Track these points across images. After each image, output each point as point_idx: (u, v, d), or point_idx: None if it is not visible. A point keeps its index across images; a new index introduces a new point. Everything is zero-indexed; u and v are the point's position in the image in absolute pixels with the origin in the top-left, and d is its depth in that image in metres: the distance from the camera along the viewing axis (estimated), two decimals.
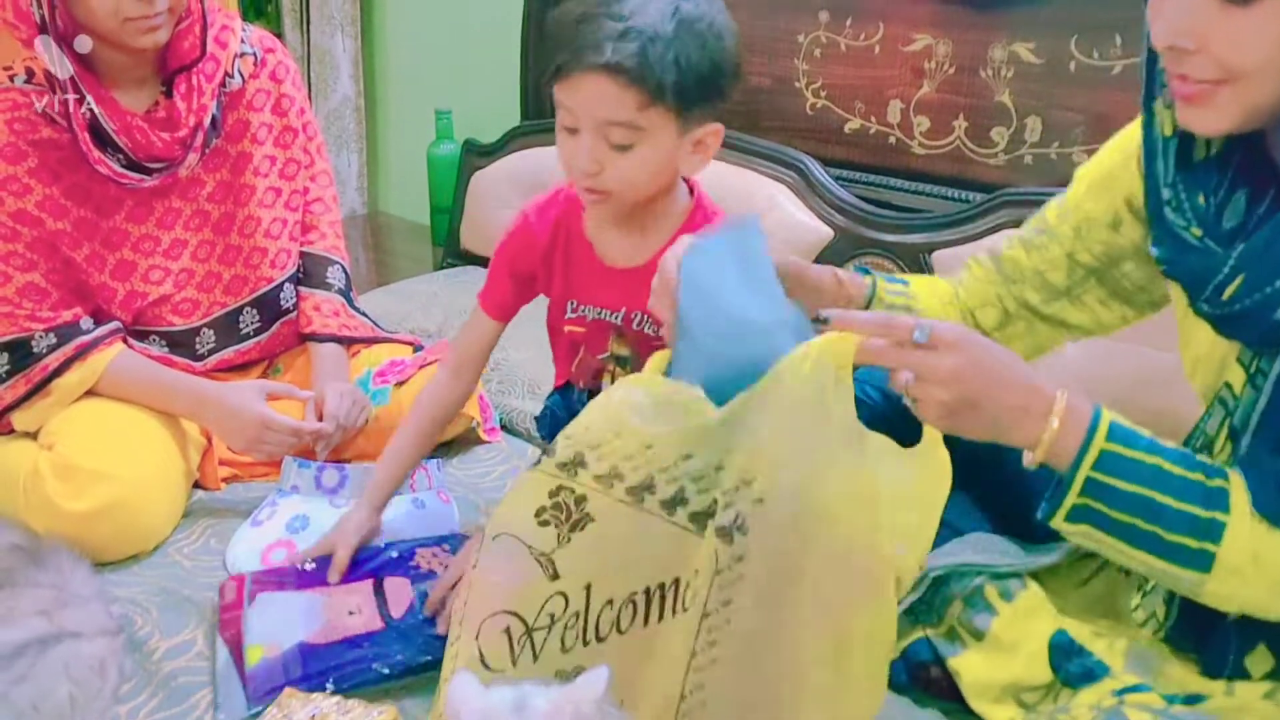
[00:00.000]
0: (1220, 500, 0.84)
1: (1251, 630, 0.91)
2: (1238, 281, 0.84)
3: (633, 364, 1.23)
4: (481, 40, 2.51)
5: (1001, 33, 1.70)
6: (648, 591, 0.93)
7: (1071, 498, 0.86)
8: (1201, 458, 0.88)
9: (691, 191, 1.19)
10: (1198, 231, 0.88)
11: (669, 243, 1.11)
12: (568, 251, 1.22)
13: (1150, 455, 0.86)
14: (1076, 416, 0.86)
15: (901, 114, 1.84)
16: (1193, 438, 1.00)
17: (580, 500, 0.94)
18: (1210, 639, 0.95)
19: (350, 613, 1.16)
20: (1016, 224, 1.62)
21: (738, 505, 0.86)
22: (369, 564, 1.25)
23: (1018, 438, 0.88)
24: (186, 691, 1.10)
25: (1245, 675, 0.92)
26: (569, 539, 0.94)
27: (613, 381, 1.21)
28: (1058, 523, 0.88)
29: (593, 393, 1.26)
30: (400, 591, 1.20)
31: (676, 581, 0.91)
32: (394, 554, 1.26)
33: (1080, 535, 0.88)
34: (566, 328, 1.24)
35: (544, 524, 0.95)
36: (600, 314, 1.21)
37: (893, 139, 1.86)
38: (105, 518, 1.28)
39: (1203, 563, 0.84)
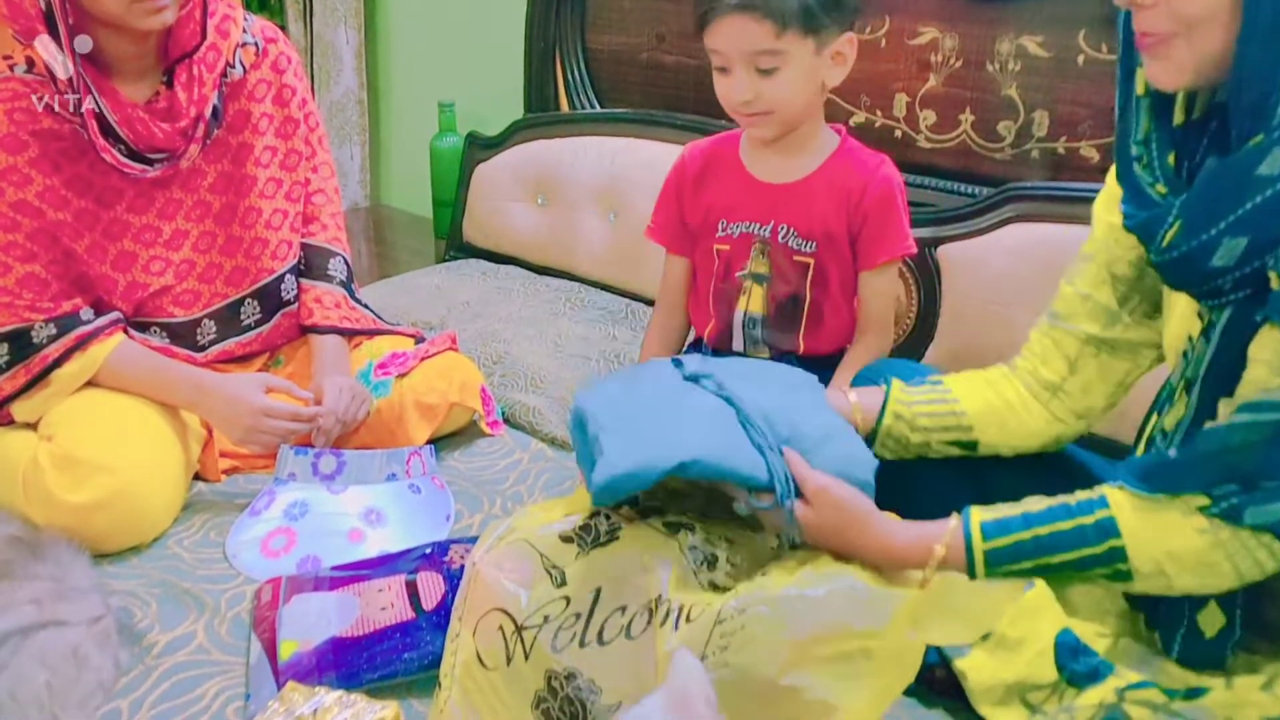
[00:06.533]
0: (1109, 529, 0.92)
1: None
2: (1176, 227, 0.89)
3: (769, 282, 1.39)
4: (485, 33, 2.50)
5: (1009, 26, 1.68)
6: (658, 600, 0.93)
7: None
8: (1080, 495, 0.95)
9: (841, 138, 1.38)
10: (1162, 189, 0.92)
11: (818, 168, 1.36)
12: (720, 174, 1.41)
13: (1027, 531, 0.95)
14: (953, 538, 0.96)
15: (907, 108, 1.82)
16: (1161, 392, 1.03)
17: (614, 528, 0.96)
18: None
19: (383, 609, 1.15)
20: (1022, 219, 1.63)
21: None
22: (402, 562, 1.24)
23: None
24: (189, 685, 1.10)
25: (1199, 635, 0.97)
26: (588, 554, 0.95)
27: (748, 303, 1.40)
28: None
29: (717, 352, 1.44)
30: (433, 586, 1.19)
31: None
32: (428, 550, 1.25)
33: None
34: (716, 246, 1.42)
35: (566, 540, 0.97)
36: (749, 228, 1.39)
37: (898, 133, 1.84)
38: (104, 509, 1.27)
39: (1125, 578, 0.93)
